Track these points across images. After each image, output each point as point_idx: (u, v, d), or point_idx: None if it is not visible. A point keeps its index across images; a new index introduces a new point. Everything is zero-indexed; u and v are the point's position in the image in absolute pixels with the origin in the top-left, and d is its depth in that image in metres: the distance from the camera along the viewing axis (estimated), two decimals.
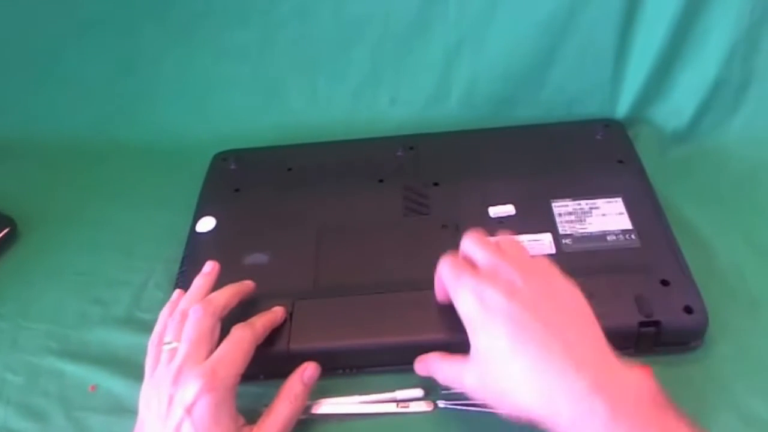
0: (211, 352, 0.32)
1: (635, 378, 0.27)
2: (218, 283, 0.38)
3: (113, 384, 0.38)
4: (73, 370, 0.39)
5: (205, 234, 0.43)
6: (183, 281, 0.41)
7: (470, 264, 0.33)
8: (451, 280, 0.32)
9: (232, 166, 0.49)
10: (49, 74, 0.54)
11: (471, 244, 0.33)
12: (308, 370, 0.34)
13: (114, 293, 0.43)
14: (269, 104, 0.53)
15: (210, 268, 0.37)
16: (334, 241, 0.42)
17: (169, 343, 0.33)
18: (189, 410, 0.29)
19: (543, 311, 0.29)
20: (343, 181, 0.46)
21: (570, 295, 0.31)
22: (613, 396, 0.26)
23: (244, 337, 0.33)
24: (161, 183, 0.51)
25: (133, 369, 0.37)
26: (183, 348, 0.32)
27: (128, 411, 0.35)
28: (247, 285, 0.37)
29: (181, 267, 0.42)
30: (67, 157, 0.55)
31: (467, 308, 0.30)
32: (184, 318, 0.33)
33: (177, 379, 0.30)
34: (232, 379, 0.31)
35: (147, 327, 0.39)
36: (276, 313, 0.36)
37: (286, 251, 0.41)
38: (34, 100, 0.55)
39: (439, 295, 0.35)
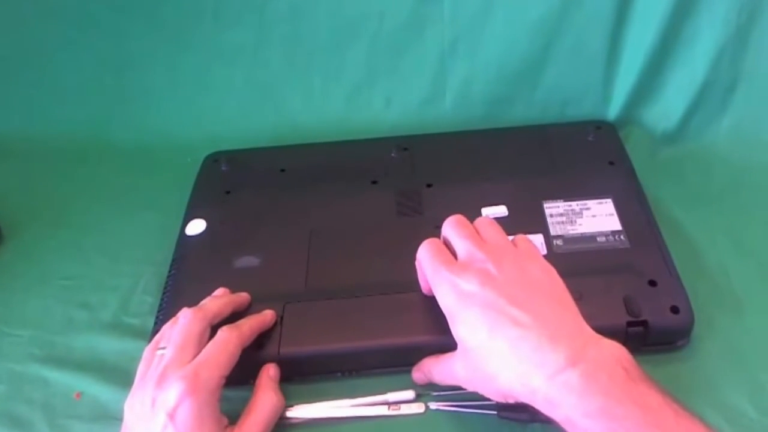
0: None
1: (609, 350, 0.27)
2: (209, 287, 0.37)
3: (99, 391, 0.37)
4: (57, 377, 0.38)
5: (195, 237, 0.43)
6: (172, 285, 0.40)
7: (449, 251, 0.33)
8: (430, 274, 0.32)
9: (224, 168, 0.48)
10: (38, 74, 0.53)
11: (450, 231, 0.33)
12: (270, 369, 0.34)
13: (101, 298, 0.42)
14: (262, 105, 0.53)
15: (221, 292, 0.37)
16: (327, 243, 0.41)
17: (162, 348, 0.32)
18: (172, 415, 0.29)
19: (517, 295, 0.29)
20: (336, 183, 0.46)
21: (544, 275, 0.31)
22: (587, 369, 0.26)
23: (229, 339, 0.32)
24: (151, 184, 0.50)
25: (120, 375, 0.37)
26: (169, 352, 0.31)
27: (114, 418, 0.35)
28: (242, 297, 0.37)
29: (170, 270, 0.41)
30: (55, 158, 0.53)
31: (446, 301, 0.31)
32: None
33: (160, 382, 0.30)
34: (215, 381, 0.31)
35: (135, 332, 0.40)
36: (265, 317, 0.36)
37: (277, 254, 0.41)
38: (21, 100, 0.54)
39: (422, 282, 0.35)
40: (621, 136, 0.49)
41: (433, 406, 0.35)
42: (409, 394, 0.35)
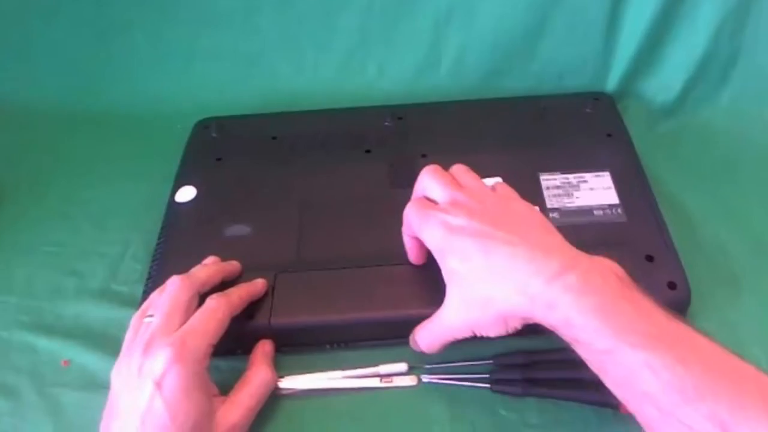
0: None
1: (601, 261, 0.27)
2: (199, 255, 0.35)
3: (87, 359, 0.35)
4: (45, 344, 0.35)
5: (184, 204, 0.40)
6: (161, 253, 0.37)
7: (430, 201, 0.32)
8: (417, 222, 0.31)
9: (214, 134, 0.45)
10: (22, 39, 0.49)
11: (428, 180, 0.32)
12: (266, 345, 0.33)
13: (89, 265, 0.39)
14: (254, 71, 0.49)
15: (211, 260, 0.35)
16: (319, 212, 0.39)
17: (150, 316, 0.30)
18: (159, 384, 0.27)
19: (503, 221, 0.29)
20: (328, 151, 0.43)
21: (527, 210, 0.31)
22: (582, 274, 0.26)
23: (218, 307, 0.30)
24: (140, 151, 0.47)
25: (108, 343, 0.35)
26: (156, 319, 0.29)
27: (103, 387, 0.32)
28: (233, 265, 0.35)
29: (159, 238, 0.39)
30: (41, 124, 0.50)
31: (435, 239, 0.30)
32: None
33: (147, 349, 0.28)
34: (203, 350, 0.29)
35: (123, 300, 0.37)
36: (255, 285, 0.33)
37: (268, 223, 0.38)
38: (5, 68, 0.50)
39: (409, 247, 0.33)
40: (619, 108, 0.46)
41: (425, 378, 0.33)
42: (402, 366, 0.33)
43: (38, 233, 0.42)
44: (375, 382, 0.33)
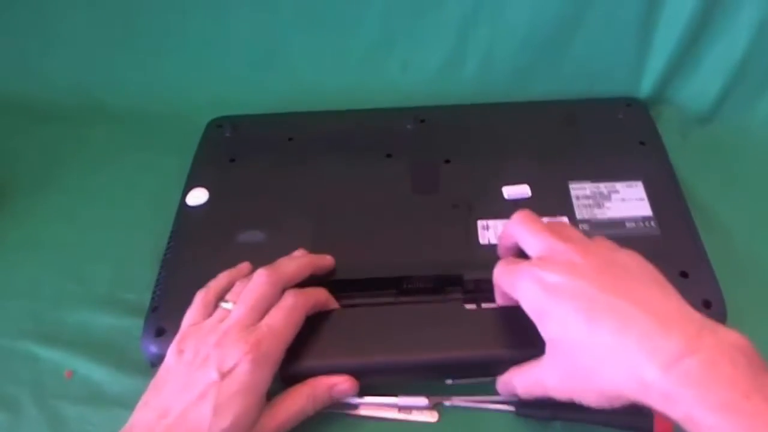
0: None
1: (728, 337, 0.22)
2: (210, 262, 0.32)
3: (92, 370, 0.32)
4: (47, 354, 0.33)
5: (196, 207, 0.37)
6: (171, 258, 0.35)
7: (517, 253, 0.28)
8: (508, 279, 0.27)
9: (228, 134, 0.42)
10: (29, 30, 0.47)
11: (520, 228, 0.28)
12: (342, 385, 0.29)
13: (95, 270, 0.37)
14: (270, 68, 0.46)
15: (300, 253, 0.33)
16: (336, 219, 0.36)
17: (227, 301, 0.29)
18: (223, 375, 0.26)
19: (610, 281, 0.25)
20: (347, 154, 0.40)
21: (633, 261, 0.26)
22: (708, 357, 0.21)
23: (296, 305, 0.29)
24: (149, 151, 0.44)
25: (113, 354, 0.32)
26: (237, 311, 0.28)
27: (107, 400, 0.31)
28: (325, 259, 0.32)
29: (169, 242, 0.36)
30: (46, 120, 0.47)
31: (530, 299, 0.26)
32: None
33: (221, 340, 0.27)
34: (278, 354, 0.27)
35: (130, 308, 0.35)
36: (333, 301, 0.32)
37: (283, 229, 0.36)
38: (14, 60, 0.48)
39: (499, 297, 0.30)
40: (652, 115, 0.43)
41: (447, 402, 0.30)
42: (422, 400, 0.30)
43: (43, 233, 0.40)
44: (392, 413, 0.30)
